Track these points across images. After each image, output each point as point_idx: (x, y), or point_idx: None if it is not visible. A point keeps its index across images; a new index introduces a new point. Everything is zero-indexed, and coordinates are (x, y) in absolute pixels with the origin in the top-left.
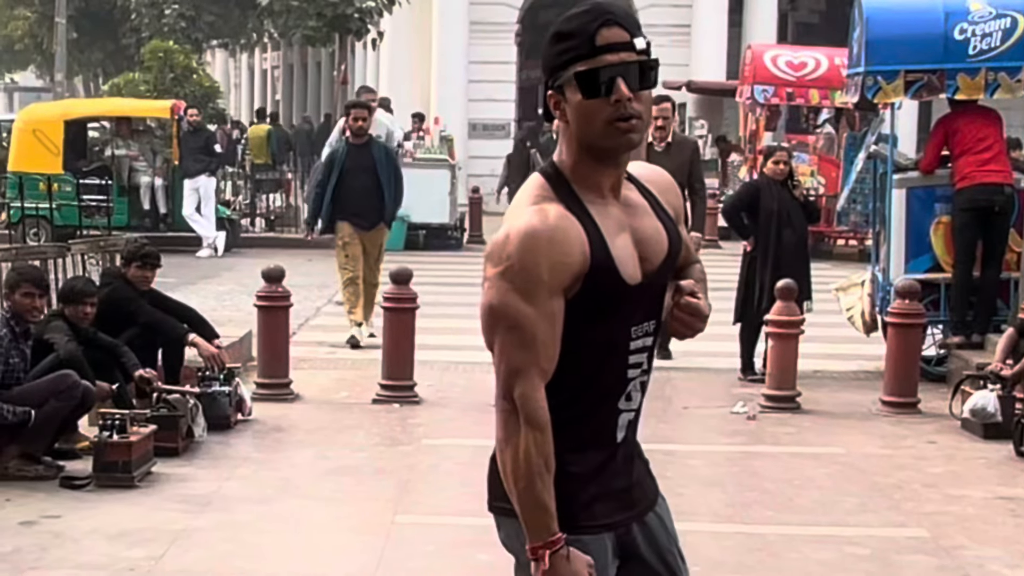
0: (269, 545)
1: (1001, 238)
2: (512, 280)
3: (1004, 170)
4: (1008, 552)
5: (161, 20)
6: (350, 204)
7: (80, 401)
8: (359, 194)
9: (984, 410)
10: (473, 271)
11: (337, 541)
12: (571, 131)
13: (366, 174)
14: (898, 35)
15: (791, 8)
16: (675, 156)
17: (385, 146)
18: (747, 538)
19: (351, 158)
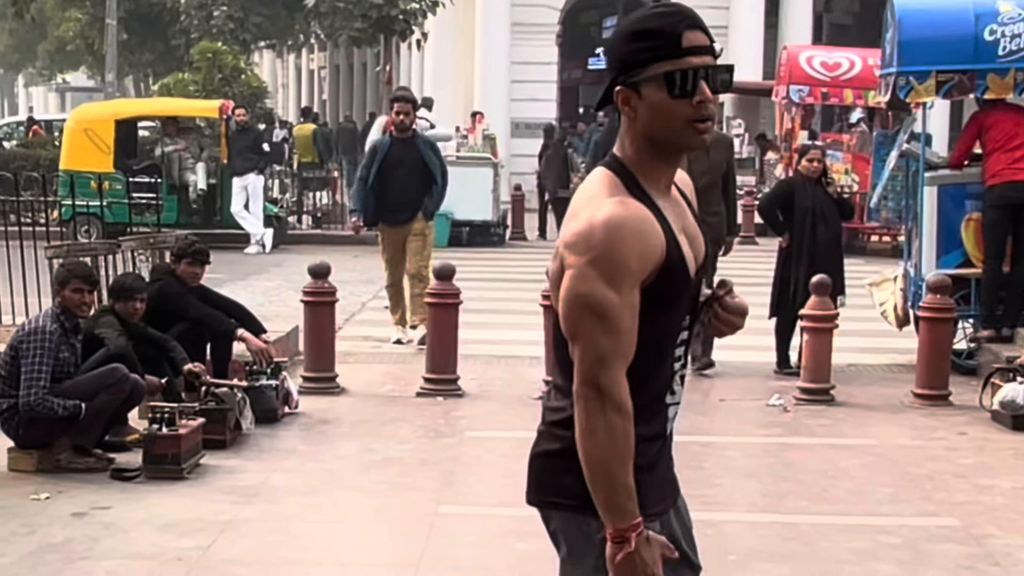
0: (315, 536)
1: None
2: (601, 268)
3: None
4: None
5: (210, 22)
6: (389, 200)
7: (129, 394)
8: (399, 190)
9: (1014, 402)
10: (516, 267)
11: (381, 532)
12: (639, 126)
13: (409, 169)
14: (930, 36)
15: (826, 10)
16: (714, 154)
17: (431, 141)
18: (782, 527)
19: (394, 153)
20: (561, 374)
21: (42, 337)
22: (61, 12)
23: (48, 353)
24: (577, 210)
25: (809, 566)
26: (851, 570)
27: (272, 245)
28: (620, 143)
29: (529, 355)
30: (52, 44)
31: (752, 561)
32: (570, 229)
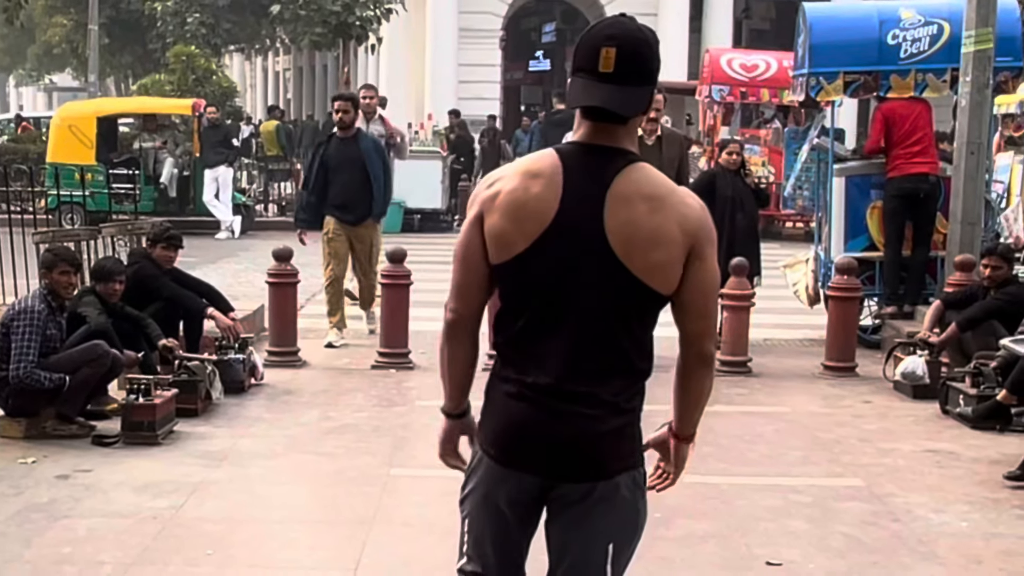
0: (278, 496)
1: (928, 221)
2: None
3: (931, 161)
4: (933, 499)
5: (184, 27)
6: (335, 198)
7: (109, 368)
8: (345, 188)
9: (914, 373)
10: None
11: (339, 492)
12: (640, 124)
13: (353, 168)
14: (838, 40)
15: (745, 16)
16: (667, 149)
17: (374, 139)
18: (703, 487)
19: (337, 152)
20: (633, 356)
21: (31, 316)
22: (48, 18)
23: (36, 330)
24: (670, 195)
25: (727, 522)
26: (765, 526)
27: (240, 231)
28: (629, 141)
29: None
30: (40, 48)
31: (676, 518)
32: (699, 213)
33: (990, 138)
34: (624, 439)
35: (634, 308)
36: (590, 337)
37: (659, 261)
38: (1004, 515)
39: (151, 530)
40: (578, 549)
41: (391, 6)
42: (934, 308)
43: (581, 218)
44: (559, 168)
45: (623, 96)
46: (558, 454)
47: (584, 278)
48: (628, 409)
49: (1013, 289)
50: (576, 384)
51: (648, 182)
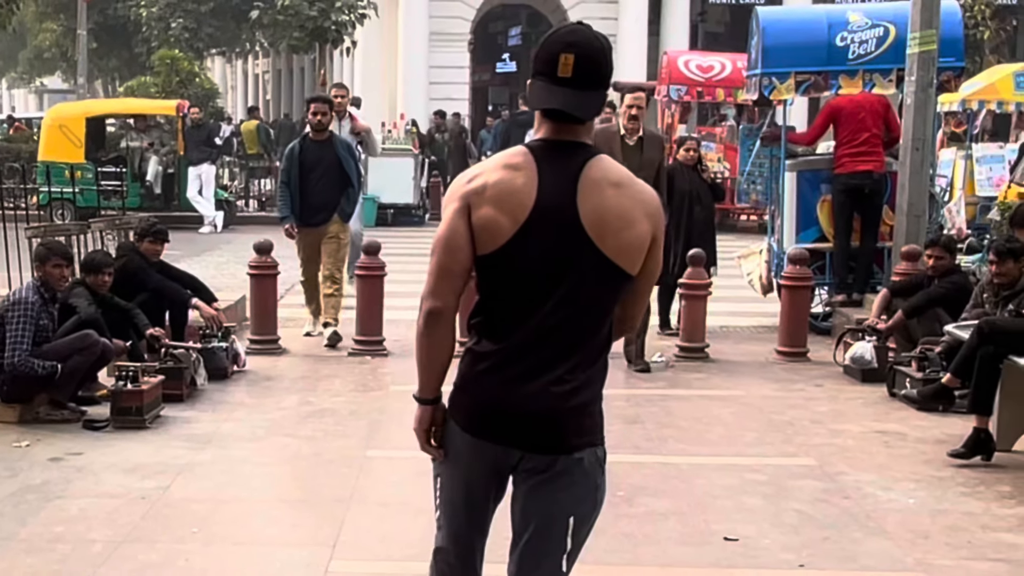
0: (260, 476)
1: (875, 214)
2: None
3: (875, 160)
4: (881, 477)
5: (168, 32)
6: (305, 202)
7: (99, 356)
8: (315, 191)
9: (862, 358)
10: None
11: (318, 472)
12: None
13: (327, 171)
14: (789, 42)
15: (701, 20)
16: (647, 151)
17: (347, 142)
18: (664, 467)
19: (311, 154)
20: (599, 336)
21: (25, 306)
22: (39, 24)
23: (30, 320)
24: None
25: (687, 500)
26: (723, 503)
27: (223, 226)
28: (587, 135)
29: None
30: (31, 52)
31: (638, 496)
32: (654, 201)
33: (934, 135)
34: (587, 416)
35: (605, 288)
36: (562, 317)
37: (628, 241)
38: (949, 492)
39: (139, 510)
40: (540, 520)
41: (365, 11)
42: (881, 296)
43: (558, 204)
44: (532, 161)
45: (580, 100)
46: (525, 427)
47: (563, 260)
48: (592, 388)
49: (956, 278)
50: (546, 362)
51: (613, 170)
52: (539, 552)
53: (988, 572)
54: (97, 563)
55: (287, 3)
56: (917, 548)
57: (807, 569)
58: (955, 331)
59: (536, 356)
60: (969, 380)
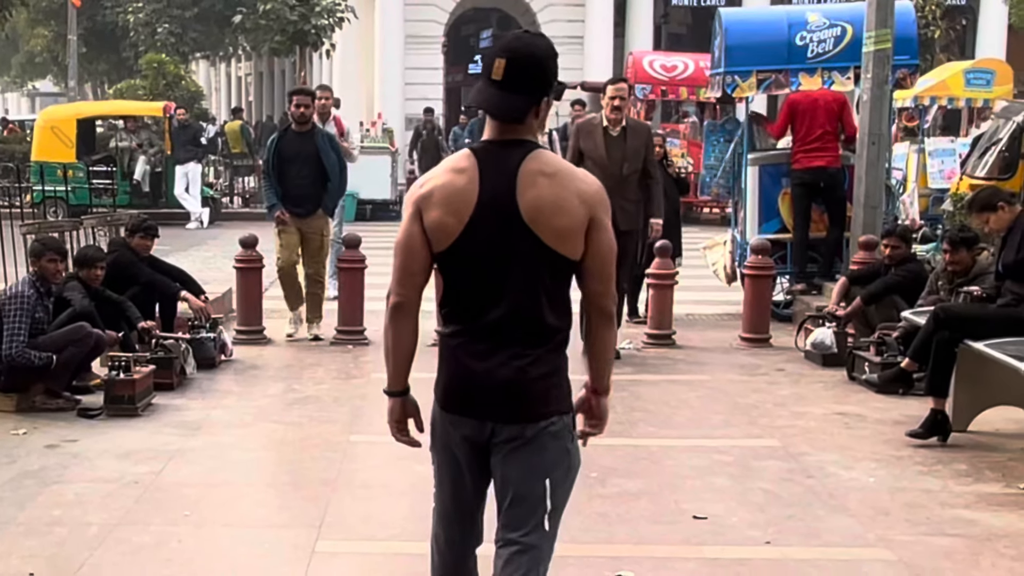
0: (248, 461)
1: (838, 205)
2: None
3: (828, 155)
4: (842, 456)
5: (154, 37)
6: (290, 192)
7: (93, 347)
8: (299, 183)
9: (823, 343)
10: None
11: (303, 457)
12: (538, 120)
13: (308, 162)
14: (751, 42)
15: (664, 22)
16: (631, 141)
17: (329, 134)
18: (634, 449)
19: (292, 146)
20: (550, 314)
21: (21, 300)
22: (31, 30)
23: (26, 313)
24: (567, 173)
25: (657, 481)
26: (692, 483)
27: (209, 222)
28: (528, 133)
29: (423, 309)
30: (24, 57)
31: (611, 477)
32: (590, 188)
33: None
34: (551, 387)
35: (547, 272)
36: (514, 300)
37: (563, 227)
38: (907, 471)
39: (133, 494)
40: (519, 485)
41: (343, 15)
42: (840, 284)
43: (499, 199)
44: (475, 162)
45: (504, 101)
46: (494, 399)
47: (507, 249)
48: (551, 360)
49: (911, 266)
50: (506, 339)
51: (549, 162)
52: (522, 514)
53: (947, 547)
54: (93, 545)
55: (269, 8)
56: (878, 524)
57: (773, 546)
58: (912, 317)
59: (496, 336)
60: (926, 364)
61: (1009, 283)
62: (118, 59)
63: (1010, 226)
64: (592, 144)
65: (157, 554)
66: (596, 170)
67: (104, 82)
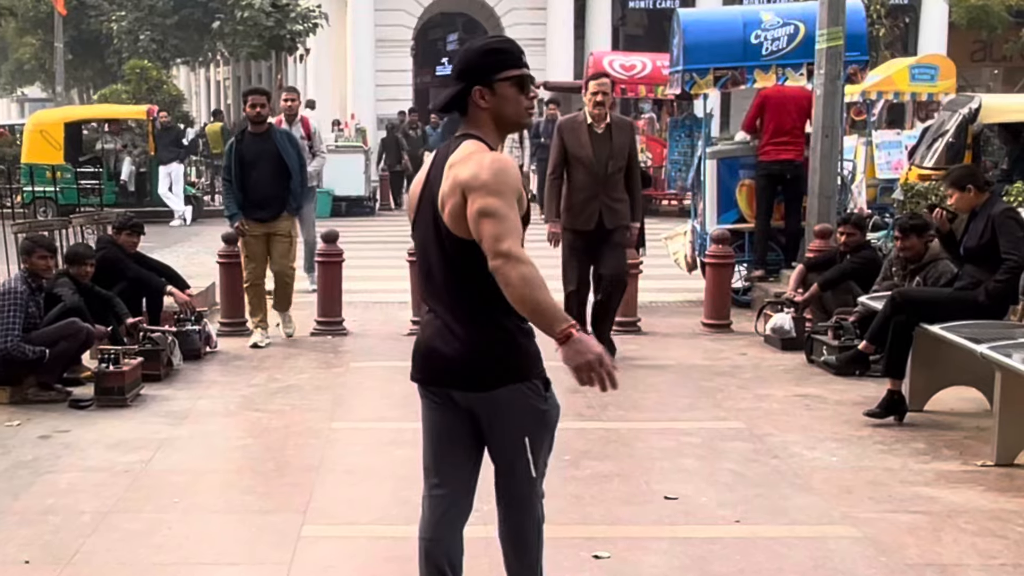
0: (234, 448)
1: (797, 197)
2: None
3: (796, 149)
4: (805, 437)
5: (137, 44)
6: (251, 197)
7: (84, 341)
8: (260, 185)
9: (782, 328)
10: (384, 232)
11: (288, 443)
12: (491, 113)
13: (268, 163)
14: (707, 40)
15: (622, 23)
16: (617, 137)
17: (288, 133)
18: (605, 432)
19: (252, 148)
20: (475, 289)
21: (14, 296)
22: (19, 39)
23: (19, 309)
24: (471, 160)
25: (628, 463)
26: (661, 465)
27: (191, 219)
28: (473, 126)
29: (398, 300)
30: (12, 64)
31: (583, 460)
32: (465, 172)
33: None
34: (500, 357)
35: (460, 253)
36: (446, 280)
37: (450, 212)
38: (868, 450)
39: (124, 482)
40: (500, 442)
41: (317, 21)
42: (797, 271)
43: (431, 190)
44: (431, 157)
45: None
46: (444, 370)
47: (431, 235)
48: (491, 332)
49: (866, 253)
50: (446, 314)
51: (457, 151)
52: (508, 464)
53: (910, 523)
54: (86, 533)
55: (246, 15)
56: (843, 502)
57: (743, 524)
58: (868, 302)
59: (443, 314)
60: (883, 347)
61: (969, 267)
62: (103, 66)
63: (974, 210)
64: (577, 142)
65: (148, 540)
66: (581, 169)
67: (90, 88)
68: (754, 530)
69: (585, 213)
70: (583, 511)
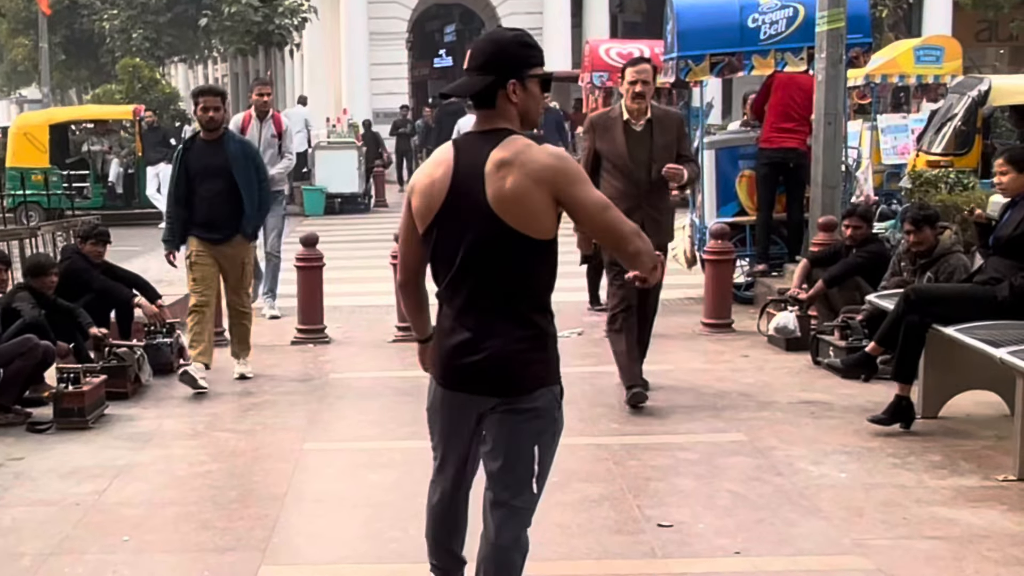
0: (196, 475)
1: (799, 186)
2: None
3: (800, 137)
4: (811, 451)
5: (130, 42)
6: (199, 213)
7: (41, 359)
8: (209, 201)
9: (786, 327)
10: (377, 229)
11: (254, 469)
12: (519, 109)
13: (219, 176)
14: (703, 26)
15: (619, 11)
16: (660, 136)
17: (244, 141)
18: (596, 449)
19: (199, 157)
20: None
21: None
22: (12, 40)
23: None
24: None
25: (620, 484)
26: (655, 486)
27: None
28: (503, 120)
29: (384, 304)
30: (8, 66)
31: (572, 481)
32: (545, 165)
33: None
34: (535, 362)
35: (519, 255)
36: (490, 281)
37: (525, 211)
38: (879, 464)
39: (73, 517)
40: (509, 450)
41: (307, 16)
42: (801, 266)
43: (469, 190)
44: (452, 155)
45: (465, 80)
46: (480, 375)
47: (476, 236)
48: (531, 339)
49: (873, 247)
50: (485, 318)
51: (509, 149)
52: (512, 477)
53: (927, 551)
54: None
55: (234, 10)
56: (853, 527)
57: (743, 556)
58: (878, 301)
59: (479, 317)
60: (892, 348)
61: (994, 259)
62: (96, 65)
63: (1016, 198)
64: (610, 143)
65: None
66: (616, 175)
67: (87, 87)
68: (755, 563)
69: None
70: (569, 543)
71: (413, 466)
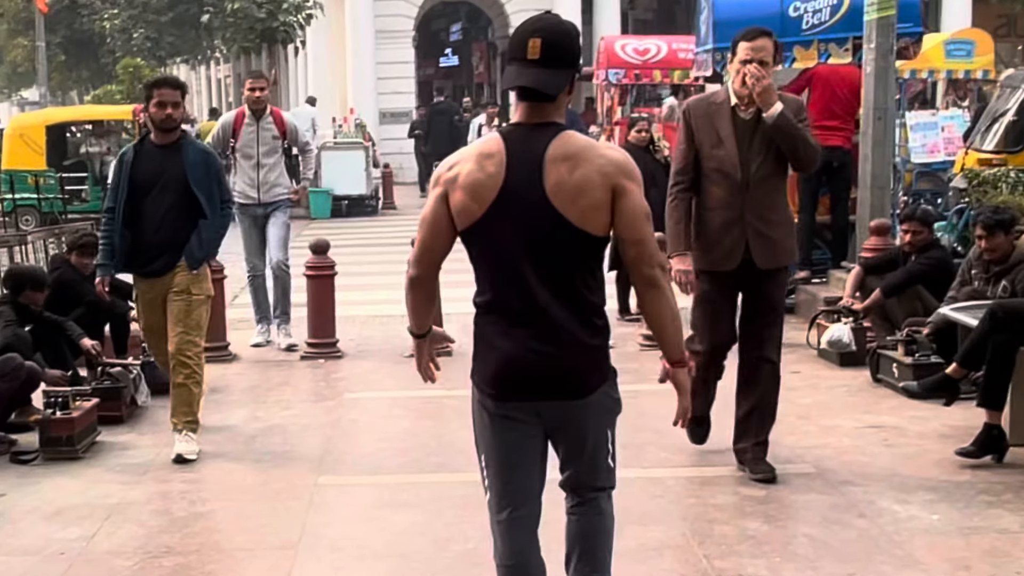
0: (196, 518)
1: (844, 188)
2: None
3: (844, 135)
4: (892, 486)
5: (130, 42)
6: (139, 238)
7: (25, 380)
8: (155, 223)
9: (840, 341)
10: (387, 232)
11: (262, 509)
12: (565, 105)
13: (170, 189)
14: (740, 15)
15: (630, 7)
16: (764, 129)
17: (206, 150)
18: (647, 482)
19: (147, 165)
20: (585, 291)
21: None
22: (11, 41)
23: None
24: (589, 150)
25: (680, 527)
26: (722, 530)
27: None
28: (557, 115)
29: (400, 313)
30: (8, 68)
31: (626, 524)
32: (611, 159)
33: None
34: (598, 361)
35: (578, 252)
36: (547, 280)
37: (587, 207)
38: (973, 503)
39: (56, 570)
40: (590, 440)
41: (312, 12)
42: (854, 274)
43: (525, 185)
44: (503, 148)
45: (547, 77)
46: (545, 384)
47: (535, 233)
48: (594, 336)
49: (936, 254)
50: (545, 321)
51: (570, 144)
52: (594, 460)
53: None
54: None
55: (236, 7)
56: None
57: None
58: (954, 315)
59: (536, 317)
60: (975, 369)
61: None
62: (98, 66)
63: None
64: (713, 136)
65: None
66: (718, 177)
67: (87, 88)
68: None
69: (723, 245)
70: None
71: (441, 505)
